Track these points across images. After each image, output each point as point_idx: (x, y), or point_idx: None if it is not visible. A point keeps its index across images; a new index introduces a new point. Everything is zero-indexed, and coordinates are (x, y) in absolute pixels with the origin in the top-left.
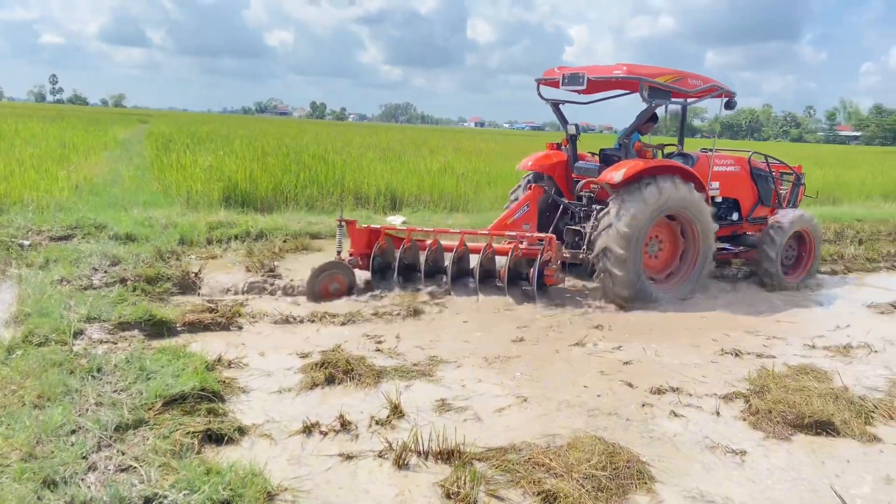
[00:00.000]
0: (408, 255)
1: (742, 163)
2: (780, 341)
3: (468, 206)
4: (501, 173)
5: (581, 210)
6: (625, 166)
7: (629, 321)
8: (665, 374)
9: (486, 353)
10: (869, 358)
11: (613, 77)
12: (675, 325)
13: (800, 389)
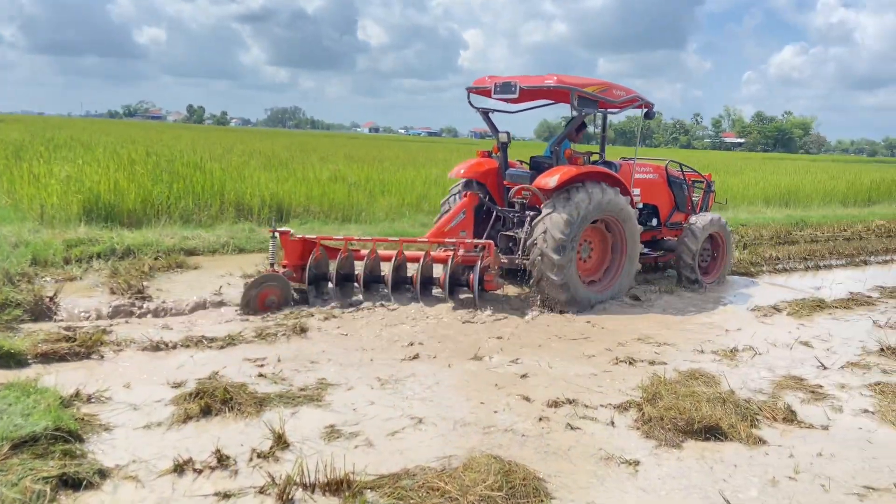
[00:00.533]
0: (344, 265)
1: (660, 171)
2: (671, 347)
3: (361, 217)
4: (397, 182)
5: (514, 216)
6: (558, 172)
7: (528, 331)
8: (561, 386)
9: (380, 372)
10: (753, 360)
11: (545, 86)
12: (571, 335)
13: (690, 395)
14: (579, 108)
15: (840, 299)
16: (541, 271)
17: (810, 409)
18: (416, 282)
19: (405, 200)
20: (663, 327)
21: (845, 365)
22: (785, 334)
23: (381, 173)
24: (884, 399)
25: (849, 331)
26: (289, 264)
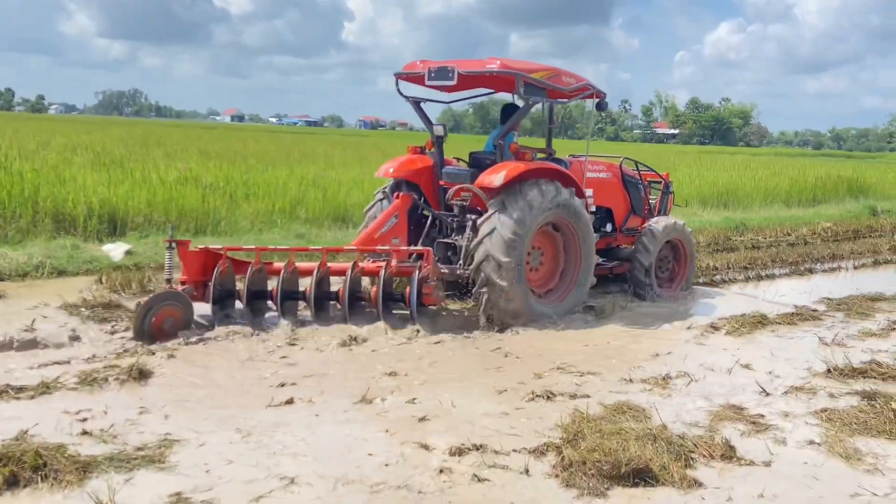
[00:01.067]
0: (256, 280)
1: (614, 170)
2: (595, 377)
3: (220, 227)
4: (265, 183)
5: (453, 221)
6: (504, 169)
7: (429, 363)
8: (467, 429)
9: (241, 421)
10: (688, 388)
11: (486, 72)
12: (480, 366)
13: (616, 433)
14: (525, 96)
15: (784, 314)
16: (486, 277)
17: (751, 443)
18: (342, 298)
19: (276, 206)
20: (587, 353)
21: (789, 390)
22: (723, 356)
23: (245, 173)
24: (831, 428)
25: (793, 350)
26: (189, 280)
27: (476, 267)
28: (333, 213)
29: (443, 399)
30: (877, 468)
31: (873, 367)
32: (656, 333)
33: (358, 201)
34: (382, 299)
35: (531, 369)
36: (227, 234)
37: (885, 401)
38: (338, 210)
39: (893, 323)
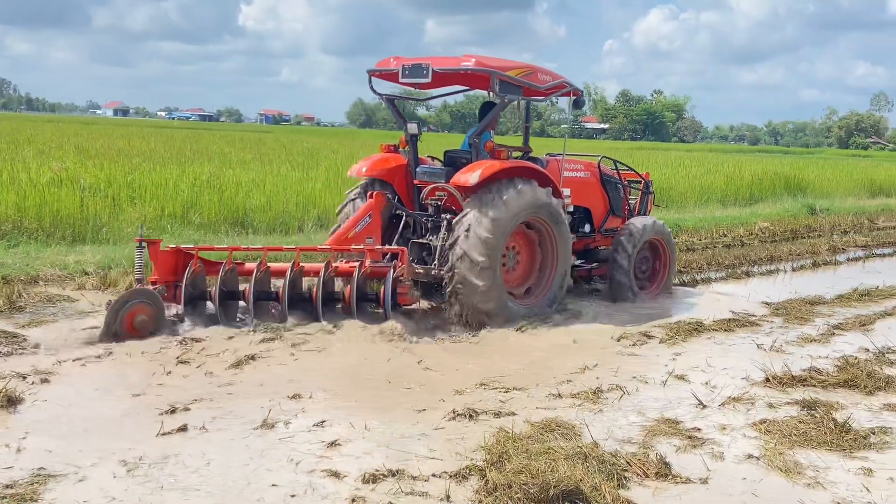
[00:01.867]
0: (228, 280)
1: (592, 168)
2: (522, 393)
3: (100, 235)
4: (153, 185)
5: (428, 221)
6: (479, 167)
7: (339, 380)
8: (382, 453)
9: (127, 452)
10: (621, 402)
11: (462, 69)
12: (396, 383)
13: (544, 452)
14: (501, 93)
15: (720, 320)
16: (461, 276)
17: (687, 459)
18: (315, 298)
19: (165, 210)
20: (512, 366)
21: (726, 401)
22: (657, 367)
23: (130, 173)
24: (770, 440)
25: (730, 358)
26: (159, 280)
27: (451, 267)
28: (231, 216)
29: (355, 420)
30: (817, 482)
31: (813, 374)
32: (586, 344)
33: (259, 204)
34: (357, 299)
35: (452, 386)
36: (110, 242)
37: (825, 410)
38: (236, 213)
39: (833, 327)
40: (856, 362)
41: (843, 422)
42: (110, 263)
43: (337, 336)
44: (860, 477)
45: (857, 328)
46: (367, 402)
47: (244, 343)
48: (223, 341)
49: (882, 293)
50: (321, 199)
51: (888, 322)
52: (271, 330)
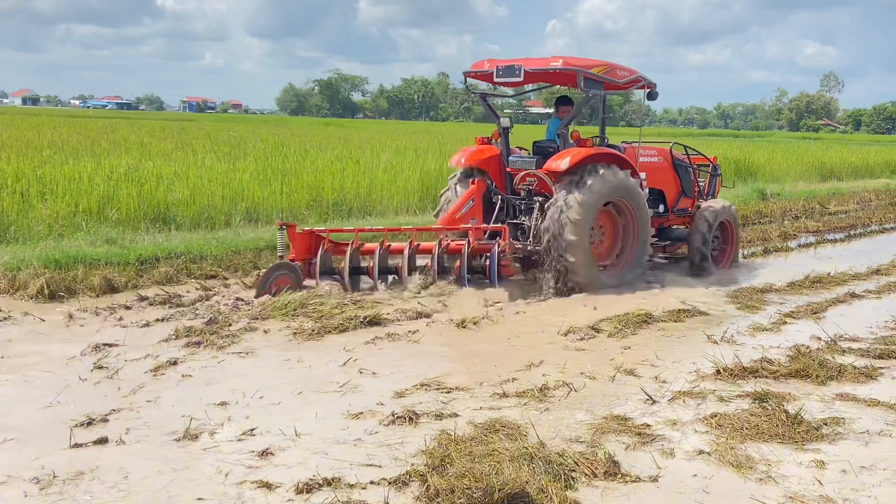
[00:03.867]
0: (355, 258)
1: (664, 154)
2: (465, 393)
3: (10, 233)
4: (66, 178)
5: (521, 203)
6: (569, 154)
7: (269, 384)
8: (317, 460)
9: (40, 468)
10: (568, 400)
11: (551, 69)
12: (330, 386)
13: (489, 454)
14: (586, 89)
15: (670, 311)
16: (556, 252)
17: (637, 457)
18: (430, 269)
19: (80, 206)
20: (455, 365)
21: (676, 395)
22: (606, 362)
23: (40, 167)
24: (721, 434)
25: (680, 350)
26: (296, 258)
27: (546, 243)
28: (152, 212)
29: (286, 427)
30: (769, 476)
31: (764, 365)
32: (533, 340)
33: (182, 197)
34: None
35: (391, 387)
36: (19, 241)
37: (776, 402)
38: (157, 209)
39: (785, 316)
40: (808, 352)
41: (795, 413)
42: (20, 264)
43: (267, 339)
44: (812, 470)
45: (808, 316)
46: (299, 407)
47: (165, 348)
48: (143, 346)
49: (834, 280)
50: (249, 191)
51: (840, 309)
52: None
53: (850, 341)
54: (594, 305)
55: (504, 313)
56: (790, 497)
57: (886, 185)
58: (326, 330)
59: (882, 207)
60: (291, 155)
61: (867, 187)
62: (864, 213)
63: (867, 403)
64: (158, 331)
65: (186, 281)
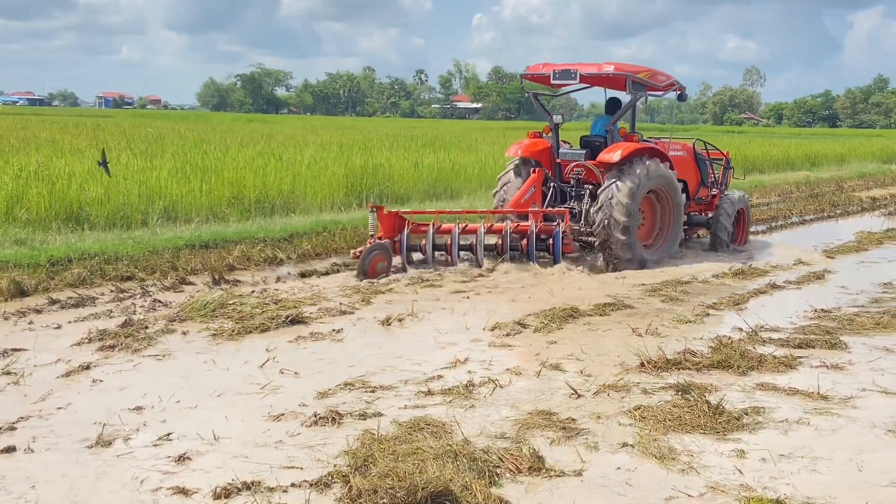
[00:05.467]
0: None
1: (688, 149)
2: (390, 392)
3: None
4: None
5: (572, 190)
6: (619, 148)
7: (186, 386)
8: (236, 464)
9: None
10: (493, 396)
11: (604, 73)
12: (250, 388)
13: (413, 453)
14: (633, 91)
15: (597, 304)
16: (608, 233)
17: (562, 452)
18: (502, 248)
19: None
20: (380, 364)
21: (601, 388)
22: (531, 357)
23: None
24: (644, 427)
25: (605, 344)
26: (384, 236)
27: (599, 226)
28: (64, 211)
29: (204, 431)
30: (691, 467)
31: (687, 356)
32: (458, 337)
33: (96, 196)
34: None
35: (314, 387)
36: None
37: (698, 393)
38: (69, 208)
39: (708, 307)
40: (729, 342)
41: (717, 404)
42: None
43: (186, 341)
44: (733, 459)
45: (731, 307)
46: (218, 410)
47: (77, 352)
48: (53, 351)
49: (756, 271)
50: (167, 189)
51: (761, 300)
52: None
53: (771, 331)
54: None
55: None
56: (711, 487)
57: (807, 177)
58: (247, 330)
59: (802, 199)
60: (212, 151)
61: (788, 180)
62: (786, 205)
63: (786, 392)
64: (70, 335)
65: (101, 283)
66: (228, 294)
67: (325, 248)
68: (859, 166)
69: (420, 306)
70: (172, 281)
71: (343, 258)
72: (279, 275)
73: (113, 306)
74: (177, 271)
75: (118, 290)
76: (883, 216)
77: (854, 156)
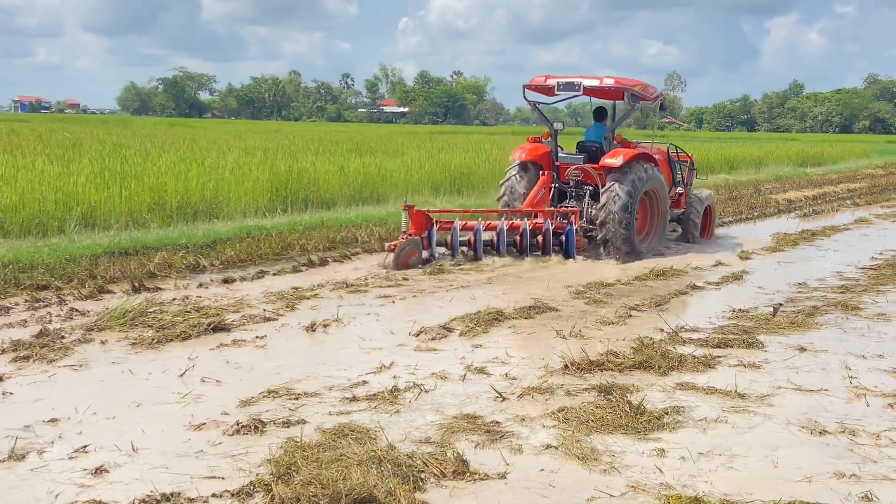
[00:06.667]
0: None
1: (662, 152)
2: (314, 398)
3: None
4: None
5: (572, 191)
6: (620, 154)
7: (98, 403)
8: (155, 474)
9: None
10: (419, 401)
11: (605, 86)
12: (170, 397)
13: (336, 460)
14: (630, 102)
15: (521, 308)
16: (610, 228)
17: (486, 455)
18: (520, 244)
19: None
20: (303, 370)
21: (525, 391)
22: (457, 361)
23: None
24: (568, 428)
25: (530, 347)
26: (414, 232)
27: (603, 221)
28: None
29: (123, 442)
30: (613, 467)
31: (610, 357)
32: (383, 342)
33: (10, 203)
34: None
35: (236, 396)
36: None
37: (620, 393)
38: None
39: (630, 308)
40: (651, 343)
41: (638, 404)
42: None
43: (104, 350)
44: (654, 458)
45: (652, 308)
46: (137, 420)
47: None
48: None
49: (676, 272)
50: (85, 195)
51: (681, 300)
52: None
53: (691, 332)
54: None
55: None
56: (632, 486)
57: (726, 180)
58: (168, 339)
59: (721, 202)
60: (132, 156)
61: (707, 183)
62: None
63: (705, 391)
64: None
65: (15, 292)
66: (149, 302)
67: (250, 254)
68: (776, 169)
69: (347, 311)
70: (90, 289)
71: (268, 265)
72: (202, 282)
73: (28, 316)
74: (95, 279)
75: (33, 300)
76: (798, 218)
77: (771, 159)
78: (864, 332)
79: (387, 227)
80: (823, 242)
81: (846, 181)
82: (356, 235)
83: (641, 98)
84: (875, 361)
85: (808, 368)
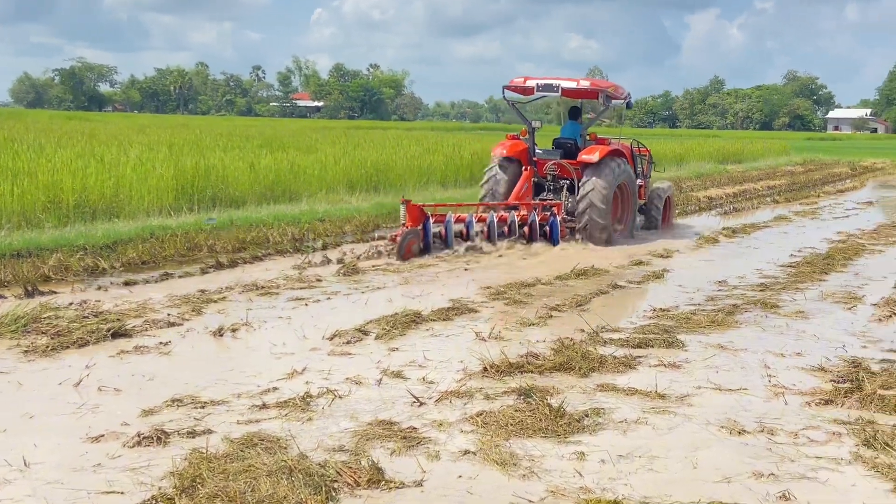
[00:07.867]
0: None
1: (627, 147)
2: (221, 407)
3: None
4: None
5: (550, 185)
6: (597, 150)
7: None
8: (47, 492)
9: None
10: (332, 408)
11: (582, 88)
12: (59, 409)
13: (245, 471)
14: (605, 102)
15: (440, 309)
16: (589, 218)
17: (402, 462)
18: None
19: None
20: (208, 376)
21: (443, 395)
22: (372, 366)
23: None
24: (486, 433)
25: (448, 350)
26: (411, 224)
27: (582, 212)
28: None
29: (13, 457)
30: (532, 472)
31: (530, 359)
32: (295, 346)
33: None
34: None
35: (138, 405)
36: None
37: (540, 396)
38: None
39: (551, 309)
40: (571, 344)
41: (558, 407)
42: None
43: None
44: (573, 462)
45: (573, 308)
46: (29, 433)
47: None
48: None
49: (598, 271)
50: None
51: (603, 300)
52: None
53: (612, 332)
54: None
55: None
56: (552, 491)
57: None
58: (63, 346)
59: None
60: (24, 151)
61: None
62: None
63: (626, 393)
64: None
65: None
66: (43, 307)
67: (153, 255)
68: (697, 166)
69: (257, 315)
70: None
71: (173, 267)
72: (101, 285)
73: None
74: None
75: None
76: (719, 216)
77: (692, 156)
78: (783, 329)
79: (300, 226)
80: (744, 240)
81: (766, 178)
82: (268, 235)
83: (613, 98)
84: (793, 359)
85: (728, 367)
